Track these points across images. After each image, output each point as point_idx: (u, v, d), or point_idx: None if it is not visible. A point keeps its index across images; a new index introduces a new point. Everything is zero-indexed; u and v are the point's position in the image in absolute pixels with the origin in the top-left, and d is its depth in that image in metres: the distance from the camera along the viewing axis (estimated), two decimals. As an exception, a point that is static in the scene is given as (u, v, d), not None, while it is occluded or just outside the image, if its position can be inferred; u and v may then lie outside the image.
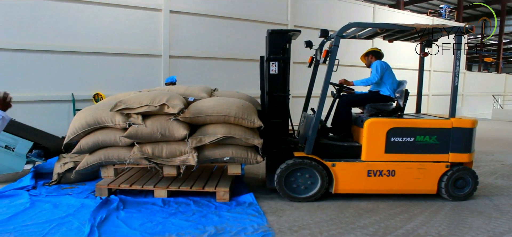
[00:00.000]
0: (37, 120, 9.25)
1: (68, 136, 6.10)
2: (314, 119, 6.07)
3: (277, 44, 6.13)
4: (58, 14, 10.06)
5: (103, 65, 10.74)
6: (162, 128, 5.76)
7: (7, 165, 6.81)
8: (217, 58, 12.65)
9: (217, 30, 12.59)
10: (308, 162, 6.05)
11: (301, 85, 7.56)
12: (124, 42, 10.99)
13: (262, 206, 5.83)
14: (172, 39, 11.71)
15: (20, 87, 9.73)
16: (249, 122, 5.87)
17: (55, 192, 6.35)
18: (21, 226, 4.96)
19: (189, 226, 4.99)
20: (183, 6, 11.81)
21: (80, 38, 10.39)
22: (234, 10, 12.79)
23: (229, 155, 5.89)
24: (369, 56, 6.81)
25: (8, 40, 9.52)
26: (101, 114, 5.93)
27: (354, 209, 5.79)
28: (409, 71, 14.78)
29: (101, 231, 4.78)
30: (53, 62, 10.10)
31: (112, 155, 5.96)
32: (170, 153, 5.86)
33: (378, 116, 6.34)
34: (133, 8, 11.04)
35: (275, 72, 6.13)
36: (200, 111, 5.85)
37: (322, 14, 14.78)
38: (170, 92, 6.22)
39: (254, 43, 12.71)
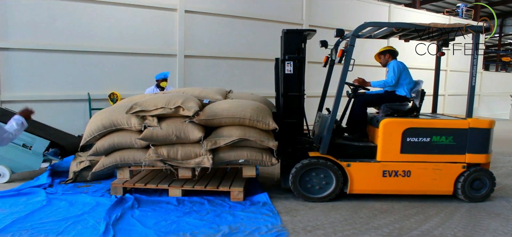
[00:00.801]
0: (53, 118, 9.35)
1: (84, 138, 6.16)
2: (329, 118, 6.04)
3: (292, 44, 6.12)
4: (74, 15, 10.15)
5: (119, 64, 10.81)
6: (177, 130, 5.77)
7: (24, 163, 6.90)
8: (232, 57, 12.66)
9: (232, 30, 12.60)
10: (323, 162, 6.02)
11: (316, 85, 7.53)
12: (140, 42, 11.06)
13: (276, 205, 5.82)
14: (187, 38, 11.75)
15: (37, 86, 9.85)
16: (264, 124, 5.87)
17: (71, 190, 6.41)
18: (38, 223, 5.01)
19: (203, 225, 5.00)
20: (198, 6, 11.84)
21: (96, 38, 10.47)
22: (249, 9, 12.79)
23: (244, 157, 5.88)
24: (386, 55, 6.73)
25: (26, 41, 9.63)
26: (117, 116, 5.97)
27: (368, 210, 5.76)
28: (425, 71, 14.67)
29: (116, 229, 4.81)
30: (70, 62, 10.20)
31: (127, 157, 6.01)
32: (185, 155, 5.88)
33: (394, 116, 6.28)
34: (149, 8, 11.10)
35: (290, 72, 6.11)
36: (215, 114, 5.86)
37: (337, 14, 14.72)
38: (185, 94, 6.23)
39: (269, 43, 12.70)
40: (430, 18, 18.45)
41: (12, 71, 9.56)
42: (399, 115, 6.32)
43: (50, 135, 7.34)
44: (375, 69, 13.22)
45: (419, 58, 14.30)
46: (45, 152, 6.94)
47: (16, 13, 9.49)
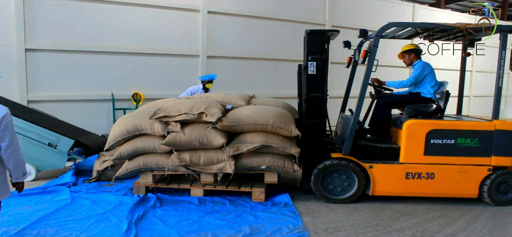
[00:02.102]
0: (78, 118, 9.48)
1: (109, 142, 6.25)
2: (352, 119, 6.00)
3: (315, 45, 6.09)
4: (99, 16, 10.27)
5: (142, 65, 10.89)
6: (200, 136, 5.80)
7: (49, 161, 7.02)
8: (254, 58, 12.64)
9: (255, 30, 12.59)
10: (345, 163, 5.98)
11: (339, 86, 7.46)
12: (163, 42, 11.13)
13: (298, 206, 5.79)
14: (210, 39, 11.78)
15: (62, 86, 9.99)
16: (286, 131, 5.85)
17: (95, 189, 6.48)
18: (63, 221, 5.10)
19: (224, 225, 5.01)
20: (220, 7, 11.86)
21: (120, 39, 10.57)
22: (271, 10, 12.76)
23: (266, 164, 5.88)
24: (411, 54, 6.56)
25: (52, 42, 9.78)
26: (140, 121, 6.03)
27: (391, 212, 5.70)
28: (450, 72, 14.41)
29: (138, 228, 4.86)
30: (94, 63, 10.32)
31: (150, 161, 6.06)
32: (208, 160, 5.90)
33: (418, 118, 6.20)
34: (172, 9, 11.15)
35: (313, 72, 6.09)
36: (238, 120, 5.87)
37: (360, 14, 14.56)
38: (209, 100, 6.27)
39: (291, 44, 12.64)
40: (455, 18, 18.12)
41: (38, 71, 9.72)
42: (423, 117, 6.23)
43: (75, 134, 7.44)
44: (400, 70, 13.06)
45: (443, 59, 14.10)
46: (70, 151, 7.03)
47: (43, 15, 9.64)
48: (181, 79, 11.26)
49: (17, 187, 3.71)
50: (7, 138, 3.40)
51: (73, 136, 7.22)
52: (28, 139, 6.90)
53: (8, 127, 3.39)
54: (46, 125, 7.17)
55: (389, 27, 6.03)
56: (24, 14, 9.36)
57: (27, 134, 6.90)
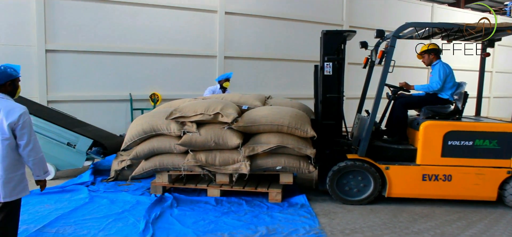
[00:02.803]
0: (96, 118, 9.56)
1: (125, 142, 6.31)
2: (368, 120, 5.96)
3: (332, 45, 6.07)
4: (117, 17, 10.33)
5: (160, 66, 10.93)
6: (216, 137, 5.82)
7: (68, 161, 7.09)
8: (272, 59, 12.58)
9: (272, 31, 12.54)
10: (360, 165, 5.94)
11: (356, 87, 7.41)
12: (181, 43, 11.14)
13: (314, 207, 5.78)
14: (227, 40, 11.77)
15: (81, 87, 10.07)
16: (302, 132, 5.83)
17: (112, 188, 6.54)
18: (81, 219, 5.16)
19: (241, 226, 5.02)
20: (238, 7, 11.84)
21: (138, 40, 10.62)
22: (289, 10, 12.69)
23: (281, 164, 5.87)
24: (430, 54, 6.46)
25: (72, 43, 9.87)
26: (157, 122, 6.07)
27: (408, 214, 5.64)
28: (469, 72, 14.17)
29: (155, 227, 4.89)
30: (113, 63, 10.38)
31: (166, 161, 6.10)
32: (223, 161, 5.91)
33: (435, 119, 6.13)
34: (190, 10, 11.16)
35: (329, 73, 6.07)
36: (254, 121, 5.87)
37: (378, 14, 14.42)
38: (225, 100, 6.27)
39: (309, 44, 12.55)
40: (476, 17, 17.80)
41: (58, 72, 9.81)
42: (441, 118, 6.16)
43: (93, 134, 7.50)
44: (417, 70, 12.94)
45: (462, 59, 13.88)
46: (88, 150, 7.08)
47: (63, 17, 9.73)
48: (198, 79, 11.27)
49: (39, 184, 3.79)
50: (25, 136, 3.51)
51: (91, 136, 7.28)
52: (48, 139, 6.97)
53: (26, 125, 3.51)
54: (65, 125, 7.24)
55: (406, 28, 5.97)
56: (44, 16, 9.46)
57: (46, 134, 6.97)
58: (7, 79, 3.70)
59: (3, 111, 3.52)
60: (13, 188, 3.59)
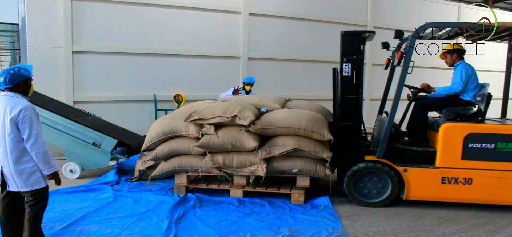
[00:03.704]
0: (121, 118, 9.42)
1: (146, 143, 6.25)
2: (386, 122, 5.69)
3: (351, 46, 5.87)
4: (142, 18, 10.22)
5: (184, 67, 10.79)
6: (233, 139, 5.70)
7: (93, 160, 6.98)
8: (295, 60, 12.33)
9: (296, 32, 12.30)
10: (378, 166, 5.69)
11: (381, 88, 7.13)
12: (205, 44, 11.00)
13: (337, 209, 5.55)
14: (251, 41, 11.57)
15: (107, 87, 9.97)
16: (319, 135, 5.65)
17: (136, 188, 6.41)
18: (105, 218, 5.06)
19: (263, 227, 4.86)
20: (261, 9, 11.64)
21: (162, 41, 10.50)
22: (313, 12, 12.42)
23: (297, 167, 5.70)
24: (453, 55, 6.09)
25: (98, 44, 9.78)
26: (176, 124, 5.99)
27: (433, 218, 5.33)
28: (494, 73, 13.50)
29: (178, 227, 4.78)
30: (137, 64, 10.28)
31: (185, 163, 6.00)
32: (240, 163, 5.79)
33: (456, 121, 5.81)
34: (214, 11, 11.01)
35: (348, 74, 5.87)
36: (271, 124, 5.75)
37: (403, 15, 13.91)
38: (243, 103, 6.17)
39: (333, 45, 12.17)
40: (504, 17, 17.04)
41: (84, 73, 9.73)
42: (462, 120, 5.83)
43: (118, 134, 7.38)
44: (439, 71, 12.51)
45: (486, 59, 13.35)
46: (113, 150, 6.96)
47: (89, 18, 9.64)
48: (222, 80, 11.11)
49: (51, 179, 3.83)
50: (26, 130, 3.62)
51: (116, 136, 7.16)
52: (74, 138, 6.88)
53: (26, 120, 3.61)
54: (91, 125, 7.14)
55: (426, 28, 5.65)
56: (72, 18, 9.37)
57: (72, 133, 6.88)
58: (20, 79, 3.79)
59: (9, 108, 3.65)
60: (26, 179, 3.73)
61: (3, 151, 3.70)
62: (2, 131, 3.65)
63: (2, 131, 3.65)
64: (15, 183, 3.74)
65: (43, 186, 3.81)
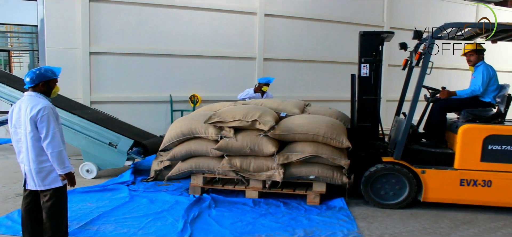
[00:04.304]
0: (137, 119, 9.51)
1: (164, 142, 6.30)
2: (404, 123, 5.66)
3: (369, 46, 5.86)
4: (159, 20, 10.30)
5: (200, 67, 10.84)
6: (252, 143, 5.73)
7: (110, 160, 7.07)
8: (311, 61, 12.29)
9: (312, 32, 12.26)
10: (395, 168, 5.66)
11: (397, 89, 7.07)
12: (220, 45, 11.04)
13: (353, 211, 5.53)
14: (267, 42, 11.57)
15: (123, 88, 10.08)
16: (337, 142, 5.66)
17: (152, 188, 6.47)
18: (121, 218, 5.12)
19: (278, 228, 4.87)
20: (277, 9, 11.63)
21: (179, 42, 10.56)
22: (328, 12, 12.36)
23: (314, 174, 5.71)
24: (474, 55, 6.00)
25: (114, 45, 9.89)
26: (195, 125, 6.03)
27: (449, 220, 5.29)
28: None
29: (193, 228, 4.80)
30: (154, 65, 10.36)
31: (202, 164, 6.04)
32: (258, 167, 5.81)
33: (475, 122, 5.75)
34: (229, 12, 11.04)
35: (366, 74, 5.86)
36: (290, 129, 5.77)
37: (420, 15, 13.72)
38: (263, 107, 6.20)
39: (349, 46, 12.12)
40: None
41: (101, 74, 9.85)
42: (481, 122, 5.76)
43: (134, 135, 7.46)
44: (457, 72, 12.37)
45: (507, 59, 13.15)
46: (129, 150, 7.02)
47: (107, 19, 9.76)
48: (238, 81, 11.14)
49: (64, 178, 3.88)
50: (44, 129, 3.69)
51: (132, 136, 7.24)
52: (91, 138, 6.98)
53: (44, 119, 3.69)
54: (107, 125, 7.23)
55: (446, 28, 5.61)
56: (89, 19, 9.50)
57: (89, 134, 6.98)
58: (41, 80, 3.86)
59: (29, 107, 3.72)
60: (44, 178, 3.82)
61: (24, 150, 3.79)
62: (24, 129, 3.74)
63: (24, 129, 3.74)
64: (33, 181, 3.83)
65: (60, 185, 3.88)
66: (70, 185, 3.91)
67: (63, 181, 3.89)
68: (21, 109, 3.77)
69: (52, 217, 3.88)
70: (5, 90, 7.47)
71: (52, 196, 3.85)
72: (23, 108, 3.76)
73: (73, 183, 3.92)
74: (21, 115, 3.75)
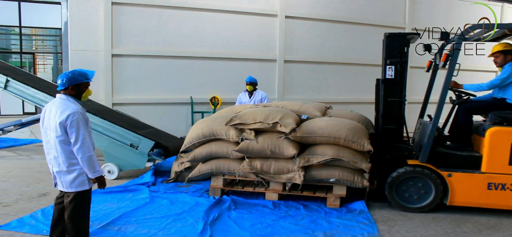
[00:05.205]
0: (158, 120, 9.65)
1: (185, 144, 6.37)
2: (430, 125, 5.62)
3: (395, 48, 5.83)
4: (180, 22, 10.46)
5: (221, 69, 10.95)
6: (273, 145, 5.76)
7: (131, 161, 7.19)
8: (332, 63, 12.32)
9: (332, 34, 12.29)
10: (421, 171, 5.62)
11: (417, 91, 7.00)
12: (241, 47, 11.13)
13: (373, 214, 5.52)
14: (287, 44, 11.63)
15: (145, 90, 10.26)
16: (358, 145, 5.67)
17: (172, 189, 6.57)
18: (142, 219, 5.21)
19: (298, 230, 4.89)
20: (298, 11, 11.69)
21: (199, 44, 10.70)
22: (349, 14, 12.39)
23: (335, 177, 5.72)
24: (503, 55, 5.89)
25: (136, 47, 10.08)
26: (217, 127, 6.10)
27: (472, 224, 5.24)
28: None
29: (213, 229, 4.85)
30: (174, 67, 10.51)
31: (223, 166, 6.11)
32: (278, 169, 5.85)
33: (503, 125, 5.67)
34: (250, 14, 11.14)
35: (391, 76, 5.83)
36: (311, 132, 5.79)
37: (442, 16, 13.56)
38: (284, 110, 6.24)
39: (370, 48, 12.15)
40: None
41: (123, 76, 10.05)
42: (509, 124, 5.70)
43: (155, 136, 7.57)
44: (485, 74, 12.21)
45: None
46: (150, 152, 7.14)
47: (129, 22, 9.96)
48: (258, 83, 11.20)
49: (94, 182, 3.98)
50: (73, 134, 3.76)
51: (153, 138, 7.34)
52: (112, 140, 7.12)
53: (74, 124, 3.76)
54: (129, 127, 7.36)
55: (474, 29, 5.57)
56: (112, 22, 9.71)
57: (111, 135, 7.13)
58: (71, 83, 3.93)
59: (59, 112, 3.79)
60: (72, 181, 3.91)
61: (53, 152, 3.87)
62: (54, 132, 3.80)
63: (54, 132, 3.81)
64: (61, 183, 3.94)
65: (87, 188, 3.99)
66: (100, 187, 4.01)
67: (91, 184, 3.98)
68: (52, 111, 3.86)
69: (74, 218, 3.98)
70: (29, 92, 7.70)
71: (76, 197, 3.95)
72: (53, 111, 3.84)
73: (103, 186, 4.01)
74: (51, 118, 3.83)
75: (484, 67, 11.32)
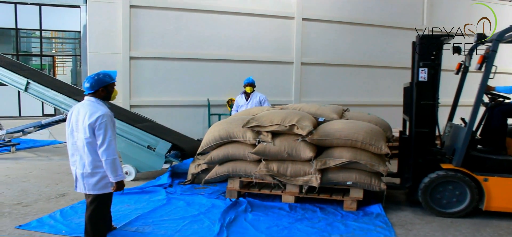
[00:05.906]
0: (175, 122, 9.72)
1: (202, 146, 6.39)
2: (464, 129, 5.53)
3: (427, 50, 5.77)
4: (197, 25, 10.53)
5: (237, 72, 10.97)
6: (290, 148, 5.77)
7: (148, 163, 7.24)
8: (349, 65, 12.28)
9: (349, 36, 12.25)
10: (456, 175, 5.50)
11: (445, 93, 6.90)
12: (257, 49, 11.16)
13: (391, 217, 5.48)
14: (304, 46, 11.63)
15: (162, 92, 10.35)
16: (376, 148, 5.64)
17: (189, 191, 6.60)
18: (159, 220, 5.25)
19: (314, 233, 4.88)
20: (315, 13, 11.68)
21: (216, 47, 10.76)
22: (366, 16, 12.33)
23: (352, 180, 5.70)
24: None
25: (153, 50, 10.19)
26: (233, 129, 6.10)
27: (492, 229, 5.15)
28: None
29: (229, 231, 4.87)
30: (191, 70, 10.58)
31: (239, 168, 6.12)
32: (295, 172, 5.85)
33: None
34: (267, 17, 11.17)
35: (424, 79, 5.77)
36: (328, 134, 5.78)
37: (461, 17, 13.30)
38: (301, 112, 6.23)
39: (388, 50, 12.08)
40: None
41: (140, 78, 10.15)
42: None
43: (172, 138, 7.63)
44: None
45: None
46: (167, 153, 7.20)
47: (147, 24, 10.07)
48: (275, 85, 11.26)
49: (115, 185, 4.01)
50: (100, 137, 3.83)
51: (170, 140, 7.39)
52: (130, 141, 7.19)
53: (102, 127, 3.83)
54: (146, 129, 7.43)
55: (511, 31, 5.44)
56: (130, 25, 9.82)
57: (128, 136, 7.19)
58: (101, 85, 4.03)
59: (88, 114, 3.86)
60: (95, 183, 3.99)
61: (81, 154, 3.94)
62: (82, 134, 3.88)
63: (82, 134, 3.88)
64: (83, 185, 4.00)
65: (109, 191, 4.07)
66: (117, 190, 4.05)
67: (112, 187, 4.03)
68: (80, 113, 3.93)
69: (93, 219, 4.07)
70: (49, 94, 7.83)
71: (95, 199, 4.04)
72: (82, 113, 3.91)
73: (121, 189, 4.06)
74: (79, 120, 3.90)
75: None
